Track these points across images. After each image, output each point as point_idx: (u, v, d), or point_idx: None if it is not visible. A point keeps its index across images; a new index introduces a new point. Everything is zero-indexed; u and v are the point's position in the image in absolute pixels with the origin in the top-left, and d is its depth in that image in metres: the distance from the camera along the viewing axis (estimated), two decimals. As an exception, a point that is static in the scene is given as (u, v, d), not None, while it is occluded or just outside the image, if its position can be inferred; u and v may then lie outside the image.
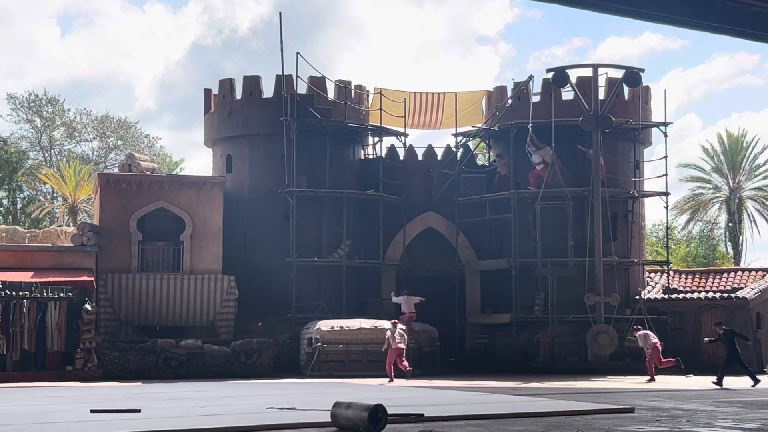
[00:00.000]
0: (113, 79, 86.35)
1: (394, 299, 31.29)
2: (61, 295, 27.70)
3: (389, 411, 12.26)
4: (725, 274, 35.15)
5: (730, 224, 53.89)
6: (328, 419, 12.43)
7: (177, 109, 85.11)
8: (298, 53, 32.60)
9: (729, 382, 24.44)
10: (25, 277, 28.12)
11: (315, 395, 18.69)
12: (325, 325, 29.25)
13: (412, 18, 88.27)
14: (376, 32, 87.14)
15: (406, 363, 26.43)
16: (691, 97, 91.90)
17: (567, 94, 33.33)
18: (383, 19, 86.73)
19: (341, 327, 29.09)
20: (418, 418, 13.31)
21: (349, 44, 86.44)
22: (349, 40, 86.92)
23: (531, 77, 33.33)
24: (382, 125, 34.29)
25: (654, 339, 27.78)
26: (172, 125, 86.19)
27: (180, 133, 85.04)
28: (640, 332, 28.11)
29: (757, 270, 35.54)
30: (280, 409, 14.86)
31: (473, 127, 36.05)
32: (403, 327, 27.30)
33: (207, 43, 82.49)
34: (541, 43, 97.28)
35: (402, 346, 26.42)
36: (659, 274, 35.68)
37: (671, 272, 35.38)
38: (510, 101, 33.97)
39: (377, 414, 11.90)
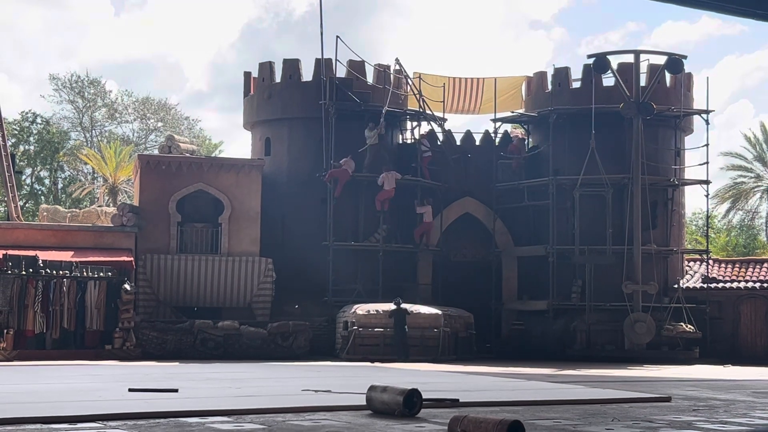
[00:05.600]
0: (164, 61, 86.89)
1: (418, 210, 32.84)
2: (101, 274, 27.96)
3: (424, 395, 12.27)
4: (765, 264, 34.76)
5: (771, 214, 53.31)
6: (363, 402, 12.46)
7: (227, 92, 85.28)
8: (337, 36, 32.65)
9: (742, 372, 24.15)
10: (66, 256, 28.42)
11: (350, 378, 18.74)
12: (361, 308, 29.32)
13: (464, 1, 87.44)
14: (426, 15, 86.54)
15: None
16: (744, 84, 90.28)
17: (608, 80, 33.07)
18: (435, 1, 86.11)
19: (377, 311, 29.14)
20: (453, 403, 13.31)
21: (398, 27, 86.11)
22: (399, 22, 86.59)
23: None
24: (421, 110, 34.21)
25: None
26: (222, 107, 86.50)
27: (229, 115, 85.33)
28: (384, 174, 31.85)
29: (798, 260, 35.15)
30: (316, 391, 14.91)
31: (512, 112, 35.87)
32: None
33: (261, 26, 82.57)
34: (596, 28, 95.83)
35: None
36: (698, 262, 35.36)
37: (710, 261, 35.03)
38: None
39: (412, 398, 11.91)
